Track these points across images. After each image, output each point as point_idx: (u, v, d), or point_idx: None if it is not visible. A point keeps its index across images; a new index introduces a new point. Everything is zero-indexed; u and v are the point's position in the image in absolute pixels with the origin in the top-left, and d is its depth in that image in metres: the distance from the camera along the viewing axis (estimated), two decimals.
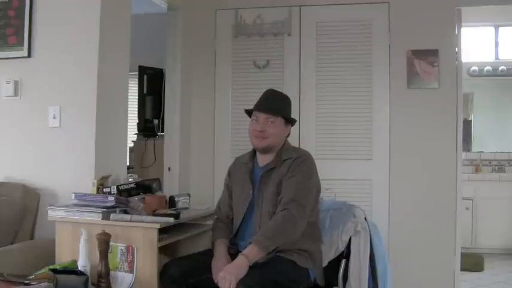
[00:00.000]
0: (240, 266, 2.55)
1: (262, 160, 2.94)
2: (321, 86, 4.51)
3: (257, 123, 2.89)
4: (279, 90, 3.15)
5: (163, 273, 2.77)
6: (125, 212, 2.93)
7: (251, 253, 2.60)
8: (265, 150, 2.91)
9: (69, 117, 3.42)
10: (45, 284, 2.50)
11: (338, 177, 4.32)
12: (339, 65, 4.48)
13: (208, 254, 2.87)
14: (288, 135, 2.98)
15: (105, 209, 2.86)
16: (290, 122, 2.96)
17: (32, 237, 3.36)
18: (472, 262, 5.65)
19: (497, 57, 7.20)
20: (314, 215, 2.87)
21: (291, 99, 4.21)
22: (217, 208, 3.13)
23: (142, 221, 2.84)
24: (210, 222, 3.51)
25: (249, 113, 2.98)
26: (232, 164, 3.15)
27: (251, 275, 2.53)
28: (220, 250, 2.83)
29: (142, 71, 5.29)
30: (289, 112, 2.98)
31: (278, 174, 2.84)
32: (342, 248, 2.94)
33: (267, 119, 2.87)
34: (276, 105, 2.92)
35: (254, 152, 3.00)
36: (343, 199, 3.32)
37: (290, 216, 2.68)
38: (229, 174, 3.11)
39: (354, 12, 4.48)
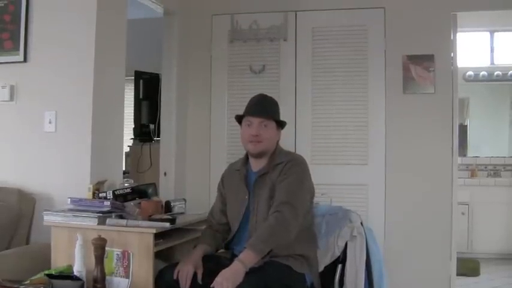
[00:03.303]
0: (236, 271, 2.52)
1: (256, 165, 2.94)
2: (317, 90, 4.51)
3: (251, 127, 2.87)
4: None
5: (159, 279, 2.77)
6: (121, 217, 2.92)
7: (247, 258, 2.57)
8: (260, 155, 2.90)
9: (65, 122, 3.41)
10: None
11: (334, 182, 4.32)
12: (334, 70, 4.49)
13: (204, 259, 2.87)
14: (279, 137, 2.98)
15: (101, 214, 2.86)
16: (281, 126, 2.96)
17: (27, 242, 3.35)
18: (468, 267, 5.64)
19: (492, 63, 7.22)
20: (309, 219, 2.87)
21: (287, 104, 4.22)
22: (209, 215, 3.13)
23: (138, 226, 2.83)
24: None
25: (239, 121, 2.98)
26: (226, 170, 3.15)
27: (247, 281, 2.52)
28: (195, 252, 2.85)
29: (139, 75, 5.29)
30: (279, 115, 2.97)
31: (271, 179, 2.83)
32: (338, 253, 2.95)
33: (261, 122, 2.85)
34: (268, 108, 2.92)
35: (247, 158, 3.00)
36: (339, 204, 3.32)
37: (282, 218, 2.66)
38: (222, 180, 3.11)
39: (349, 17, 4.49)
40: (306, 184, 2.83)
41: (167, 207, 3.37)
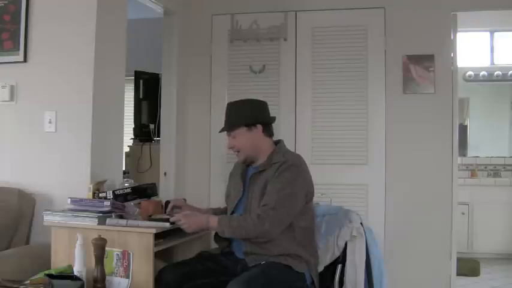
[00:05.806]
0: (201, 223, 2.82)
1: (256, 162, 2.98)
2: (317, 90, 4.50)
3: (228, 141, 3.00)
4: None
5: (159, 279, 2.78)
6: (121, 217, 2.93)
7: (212, 224, 2.79)
8: (247, 161, 2.98)
9: (65, 122, 3.41)
10: None
11: (334, 182, 4.31)
12: (334, 70, 4.48)
13: (204, 258, 2.88)
14: (266, 132, 2.97)
15: (101, 214, 2.86)
16: (255, 124, 2.93)
17: (27, 242, 3.35)
18: (468, 267, 5.64)
19: (492, 63, 7.22)
20: (307, 219, 2.86)
21: (287, 104, 4.20)
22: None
23: (138, 226, 2.83)
24: None
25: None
26: (233, 167, 3.20)
27: (247, 281, 2.53)
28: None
29: (139, 75, 5.29)
30: (246, 117, 2.94)
31: (265, 177, 2.84)
32: (337, 253, 2.95)
33: (229, 135, 2.98)
34: (228, 121, 2.99)
35: None
36: (339, 204, 3.32)
37: (261, 224, 2.68)
38: (233, 168, 3.19)
39: (349, 17, 4.48)
40: (297, 188, 2.80)
41: (167, 207, 3.37)
